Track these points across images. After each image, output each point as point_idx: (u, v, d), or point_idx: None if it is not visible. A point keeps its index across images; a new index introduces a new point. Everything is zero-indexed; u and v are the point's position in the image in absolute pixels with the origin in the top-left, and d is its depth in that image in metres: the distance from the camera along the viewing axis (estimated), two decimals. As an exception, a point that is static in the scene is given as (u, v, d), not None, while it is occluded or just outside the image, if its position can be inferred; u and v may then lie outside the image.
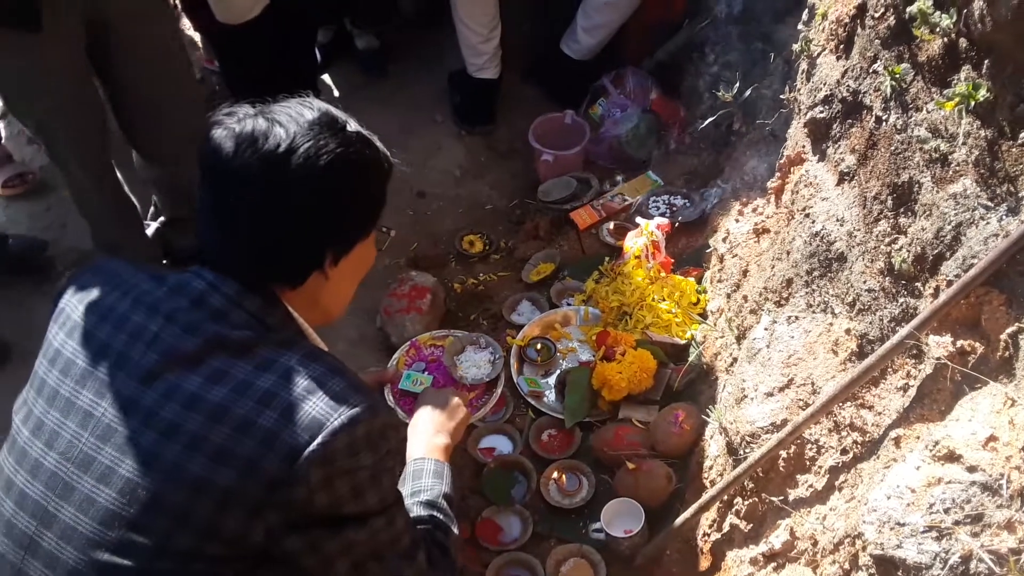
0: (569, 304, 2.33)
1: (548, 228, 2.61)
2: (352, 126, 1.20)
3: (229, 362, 1.08)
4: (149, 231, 2.76)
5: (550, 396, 2.13)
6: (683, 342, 2.09)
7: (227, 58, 2.95)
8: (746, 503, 1.62)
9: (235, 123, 1.13)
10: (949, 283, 1.27)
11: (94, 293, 1.19)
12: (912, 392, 1.35)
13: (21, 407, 1.18)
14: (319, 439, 1.04)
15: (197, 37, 3.47)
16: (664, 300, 2.15)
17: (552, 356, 2.19)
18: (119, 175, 2.54)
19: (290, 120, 1.13)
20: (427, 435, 1.48)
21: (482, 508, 1.94)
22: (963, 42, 1.30)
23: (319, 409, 1.05)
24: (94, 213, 2.51)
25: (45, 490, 1.09)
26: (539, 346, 2.19)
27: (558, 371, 2.17)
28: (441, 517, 1.34)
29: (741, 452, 1.60)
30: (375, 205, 1.23)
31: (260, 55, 2.82)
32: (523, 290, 2.44)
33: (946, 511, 1.13)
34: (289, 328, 1.20)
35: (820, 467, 1.49)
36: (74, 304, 1.19)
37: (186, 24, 3.31)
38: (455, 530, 1.35)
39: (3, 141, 3.23)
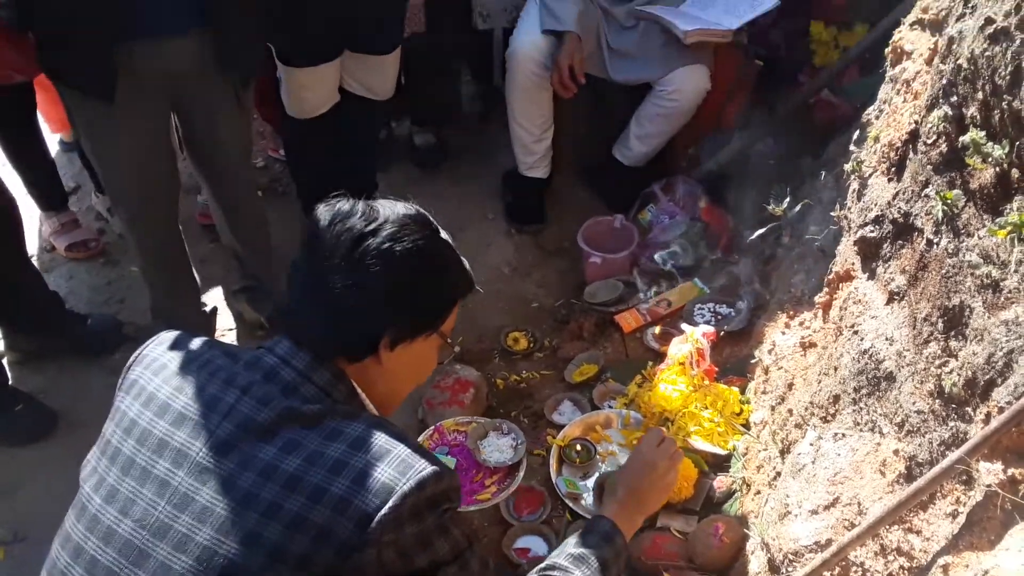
0: (611, 407, 2.33)
1: (592, 329, 2.64)
2: (441, 232, 1.32)
3: (301, 432, 1.14)
4: (207, 307, 2.88)
5: (588, 499, 2.11)
6: (725, 452, 2.07)
7: (293, 149, 3.09)
8: (788, 624, 1.57)
9: (338, 202, 1.26)
10: (1000, 409, 1.26)
11: (168, 365, 1.26)
12: (961, 519, 1.33)
13: (91, 475, 1.22)
14: (389, 504, 1.09)
15: (263, 126, 3.64)
16: (707, 409, 2.14)
17: (592, 458, 2.18)
18: (187, 250, 2.67)
19: (385, 208, 1.26)
20: (627, 495, 1.59)
21: (516, 612, 1.91)
22: (1015, 173, 1.33)
23: (388, 475, 1.11)
24: (158, 283, 2.62)
25: (118, 557, 1.12)
26: (579, 447, 2.19)
27: (597, 474, 2.16)
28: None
29: (783, 570, 1.57)
30: (442, 305, 1.32)
31: (325, 148, 2.95)
32: (565, 390, 2.45)
33: (997, 646, 1.09)
34: (353, 402, 1.26)
35: (865, 592, 1.45)
36: (148, 376, 1.25)
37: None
38: None
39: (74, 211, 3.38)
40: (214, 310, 2.94)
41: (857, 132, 1.99)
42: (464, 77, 4.09)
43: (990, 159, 1.37)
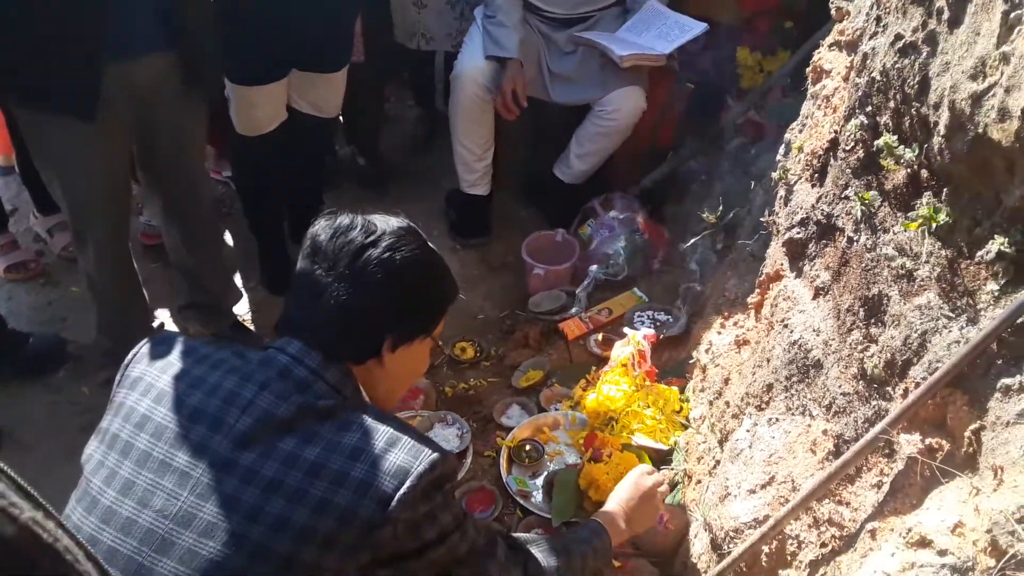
0: (557, 409, 2.42)
1: (538, 338, 2.73)
2: (432, 246, 1.43)
3: (317, 424, 1.24)
4: (155, 323, 2.88)
5: (537, 496, 2.19)
6: (667, 447, 2.17)
7: (241, 167, 3.12)
8: (730, 599, 1.67)
9: (336, 217, 1.36)
10: (917, 385, 1.39)
11: (176, 364, 1.32)
12: (886, 488, 1.45)
13: (98, 469, 1.26)
14: (407, 483, 1.20)
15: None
16: (649, 407, 2.25)
17: (540, 458, 2.26)
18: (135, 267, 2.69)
19: (382, 221, 1.36)
20: (618, 514, 1.75)
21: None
22: (924, 173, 1.47)
23: (402, 459, 1.22)
24: (107, 299, 2.62)
25: (139, 545, 1.18)
26: (528, 447, 2.27)
27: (545, 472, 2.24)
28: (553, 560, 1.51)
29: (725, 547, 1.67)
30: (436, 309, 1.45)
31: (272, 165, 2.99)
32: (512, 395, 2.54)
33: (919, 593, 1.21)
34: (359, 399, 1.37)
35: (801, 561, 1.56)
36: (155, 373, 1.32)
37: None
38: (555, 563, 1.51)
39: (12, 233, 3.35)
40: (160, 326, 2.95)
41: (783, 146, 2.14)
42: (407, 102, 4.20)
43: (902, 161, 1.51)
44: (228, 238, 3.45)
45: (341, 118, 3.59)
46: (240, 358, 1.33)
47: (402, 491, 1.19)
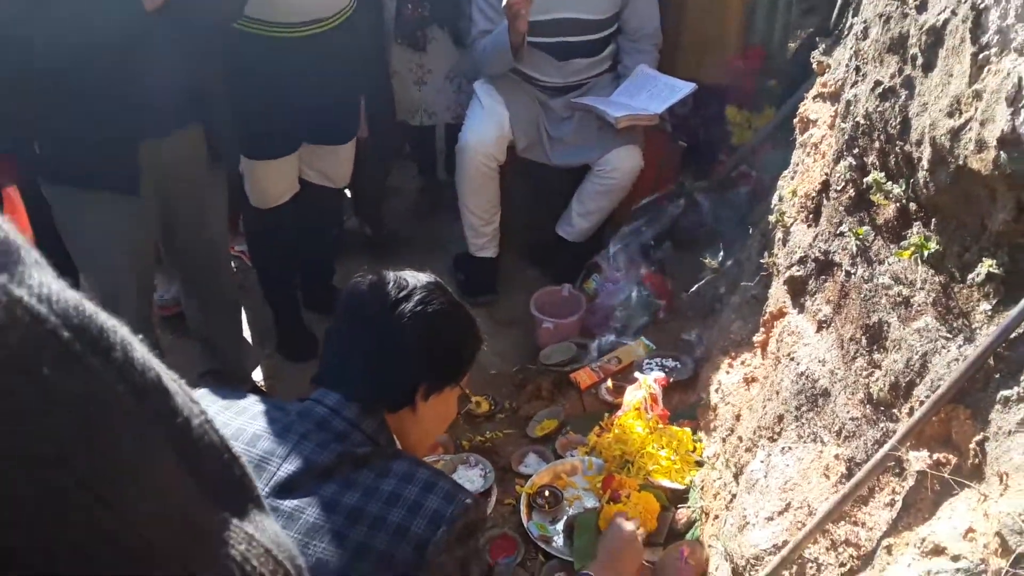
0: (573, 455, 2.48)
1: (550, 389, 2.80)
2: (457, 298, 1.52)
3: (355, 472, 1.30)
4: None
5: (559, 540, 2.23)
6: (683, 487, 2.23)
7: (255, 238, 3.23)
8: (755, 626, 1.71)
9: (370, 276, 1.45)
10: (921, 404, 1.47)
11: (218, 415, 1.39)
12: (898, 505, 1.51)
13: None
14: (443, 528, 1.25)
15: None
16: (663, 448, 2.31)
17: (560, 503, 2.31)
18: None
19: (412, 277, 1.45)
20: (606, 566, 1.81)
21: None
22: (913, 205, 1.58)
23: (437, 504, 1.27)
24: None
25: None
26: (547, 493, 2.32)
27: (565, 517, 2.29)
28: None
29: (746, 575, 1.72)
30: (465, 358, 1.52)
31: (286, 237, 3.11)
32: (528, 444, 2.60)
33: (937, 597, 1.26)
34: (394, 446, 1.43)
35: (822, 584, 1.61)
36: None
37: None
38: None
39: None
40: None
41: (777, 192, 2.26)
42: (410, 173, 4.35)
43: (891, 196, 1.62)
44: (243, 307, 3.54)
45: (348, 192, 3.72)
46: (279, 410, 1.40)
47: (438, 535, 1.25)
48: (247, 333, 3.40)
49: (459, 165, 3.23)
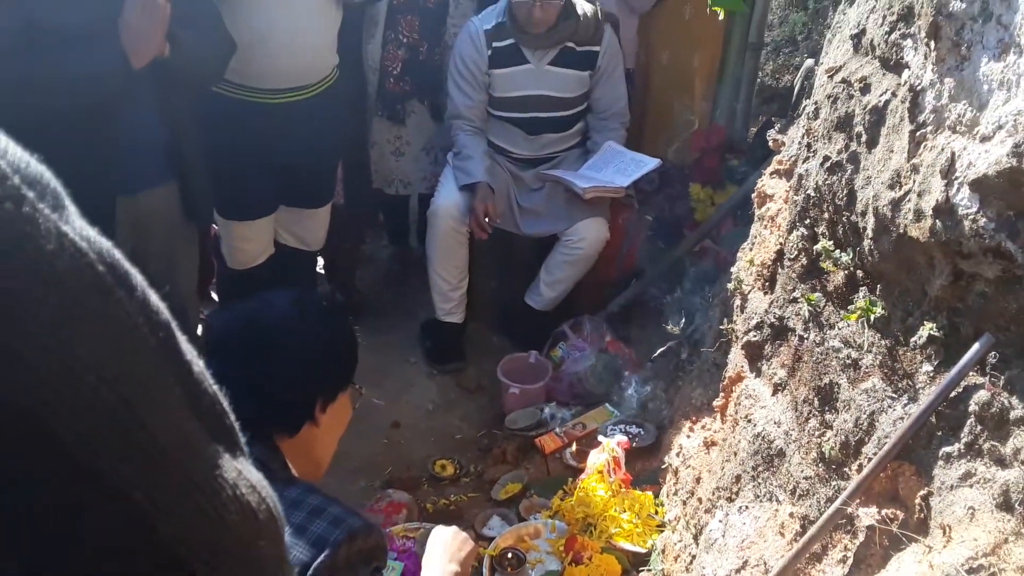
0: (537, 519, 2.50)
1: (515, 453, 2.83)
2: (323, 299, 1.49)
3: None
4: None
5: (521, 603, 2.24)
6: (644, 550, 2.25)
7: (229, 300, 3.25)
8: None
9: (228, 307, 1.42)
10: (869, 460, 1.53)
11: None
12: (850, 560, 1.56)
13: None
14: (325, 552, 1.21)
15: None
16: (625, 512, 2.34)
17: (523, 565, 2.31)
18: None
19: (275, 296, 1.43)
20: (440, 563, 1.62)
21: None
22: (860, 272, 1.67)
23: (323, 528, 1.24)
24: None
25: None
26: (510, 555, 2.33)
27: (528, 579, 2.30)
28: None
29: (705, 633, 1.74)
30: (351, 363, 1.50)
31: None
32: (493, 507, 2.61)
33: (886, 647, 1.30)
34: (287, 472, 1.39)
35: (777, 641, 1.63)
36: None
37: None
38: None
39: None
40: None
41: (737, 262, 2.35)
42: (382, 242, 4.42)
43: (839, 263, 1.71)
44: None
45: (320, 259, 3.78)
46: None
47: (319, 559, 1.20)
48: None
49: (430, 229, 3.31)
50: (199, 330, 3.07)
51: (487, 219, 3.10)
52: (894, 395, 1.54)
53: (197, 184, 2.45)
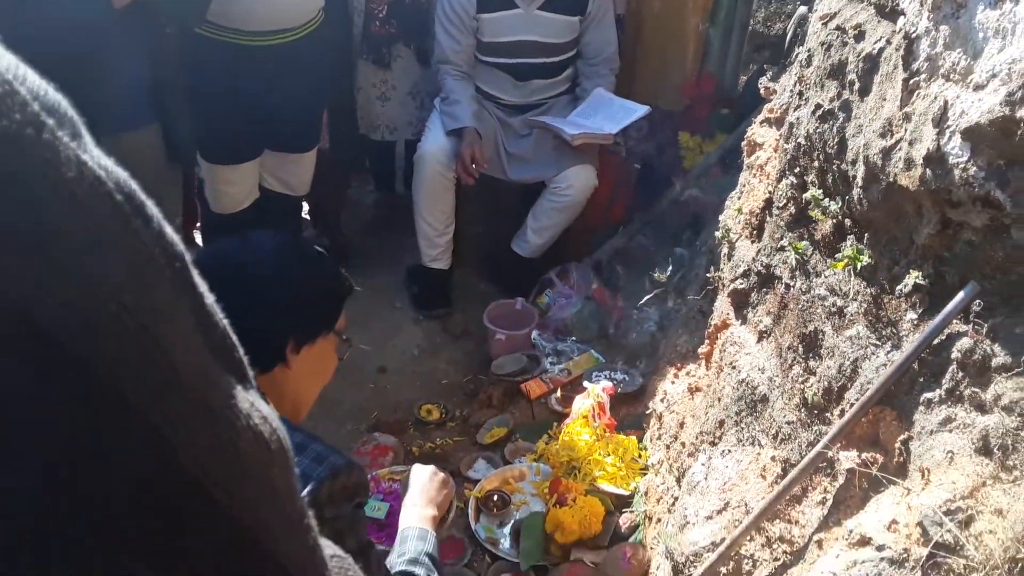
0: (522, 462, 2.53)
1: (501, 398, 2.85)
2: (318, 247, 1.50)
3: None
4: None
5: (506, 543, 2.28)
6: (628, 493, 2.29)
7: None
8: (692, 621, 1.78)
9: (212, 244, 1.42)
10: (851, 406, 1.56)
11: None
12: (829, 502, 1.59)
13: None
14: (308, 488, 1.21)
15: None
16: (609, 455, 2.38)
17: (507, 507, 2.35)
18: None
19: (263, 235, 1.43)
20: (416, 507, 1.64)
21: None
22: (848, 221, 1.68)
23: (305, 465, 1.24)
24: None
25: None
26: (495, 497, 2.37)
27: (513, 520, 2.33)
28: (420, 572, 1.48)
29: (686, 571, 1.78)
30: (332, 304, 1.48)
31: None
32: (478, 451, 2.64)
33: (862, 584, 1.34)
34: None
35: (756, 579, 1.68)
36: None
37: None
38: None
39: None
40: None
41: (725, 210, 2.36)
42: (367, 187, 4.39)
43: (828, 212, 1.72)
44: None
45: (306, 204, 3.75)
46: None
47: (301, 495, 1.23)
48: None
49: (416, 174, 3.29)
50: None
51: (474, 165, 3.08)
52: (878, 342, 1.56)
53: (180, 126, 2.42)
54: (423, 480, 1.72)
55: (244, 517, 0.40)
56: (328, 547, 0.54)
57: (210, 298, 0.41)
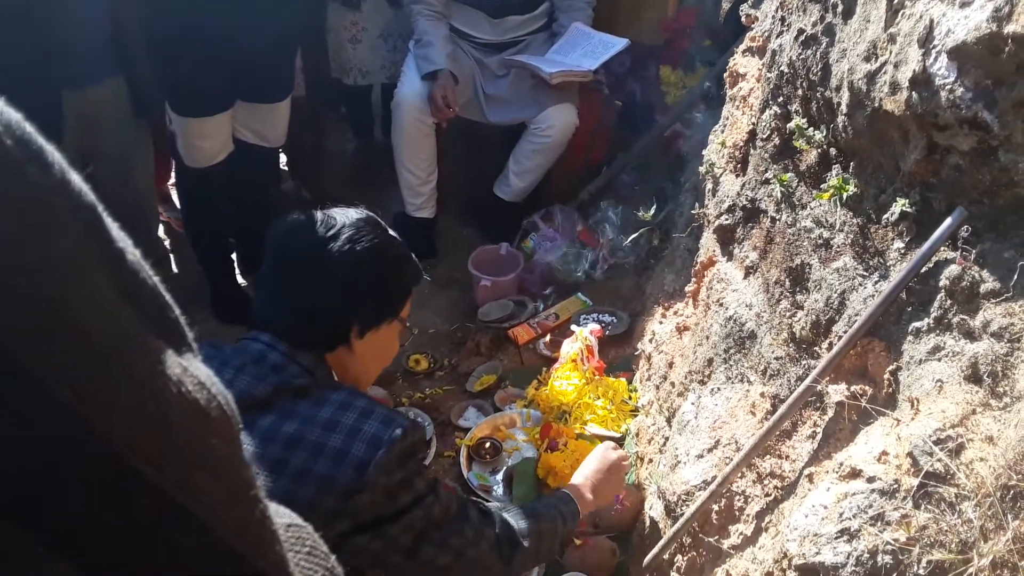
0: (512, 408, 2.52)
1: (489, 345, 2.83)
2: (392, 232, 1.50)
3: (294, 402, 1.31)
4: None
5: (499, 490, 2.27)
6: (619, 435, 2.28)
7: (189, 199, 3.17)
8: (685, 559, 1.78)
9: (296, 217, 1.44)
10: (839, 338, 1.54)
11: None
12: (819, 436, 1.58)
13: None
14: (382, 450, 1.27)
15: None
16: (599, 399, 2.37)
17: (499, 454, 2.35)
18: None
19: (341, 214, 1.44)
20: (585, 487, 1.77)
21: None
22: (833, 151, 1.64)
23: (376, 428, 1.29)
24: None
25: None
26: (487, 445, 2.36)
27: (505, 467, 2.33)
28: (524, 523, 1.57)
29: (678, 510, 1.78)
30: (400, 293, 1.51)
31: (220, 198, 3.06)
32: (468, 399, 2.63)
33: (853, 516, 1.33)
34: (332, 379, 1.43)
35: (748, 515, 1.67)
36: None
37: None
38: (535, 527, 1.57)
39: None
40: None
41: (708, 145, 2.31)
42: (345, 135, 4.30)
43: (813, 141, 1.67)
44: (176, 272, 3.49)
45: (283, 155, 3.68)
46: (213, 348, 1.41)
47: (378, 455, 1.27)
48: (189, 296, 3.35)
49: (394, 121, 3.22)
50: (159, 230, 3.01)
51: (449, 108, 3.01)
52: (865, 273, 1.54)
53: (145, 78, 2.34)
54: (607, 463, 1.83)
55: (179, 493, 0.36)
56: (283, 516, 0.50)
57: (133, 253, 0.36)
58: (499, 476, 2.32)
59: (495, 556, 1.47)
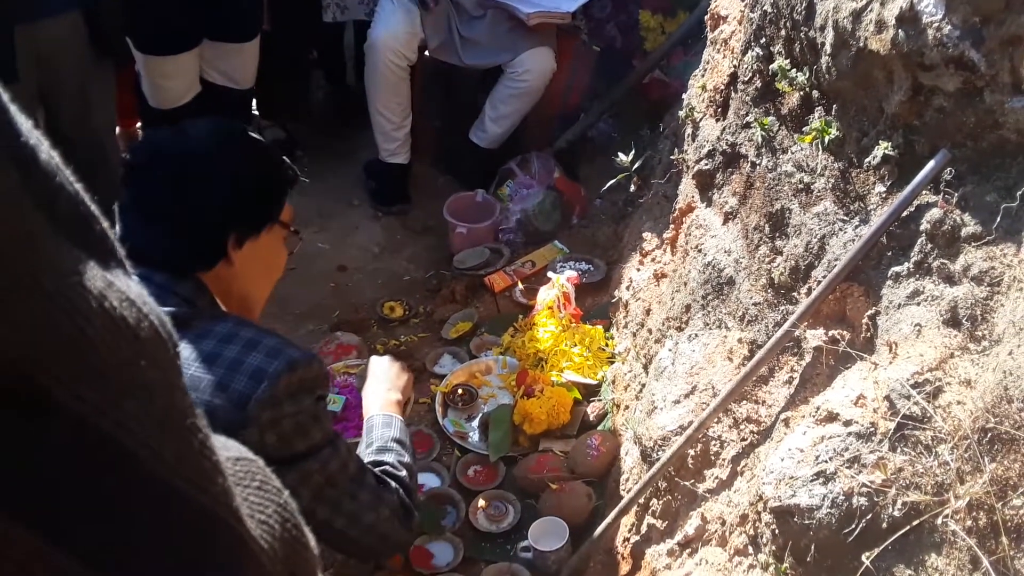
0: (488, 355, 2.51)
1: (464, 292, 2.81)
2: (251, 131, 1.41)
3: None
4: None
5: (474, 436, 2.27)
6: (595, 382, 2.28)
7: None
8: (660, 502, 1.79)
9: (146, 135, 1.33)
10: (818, 283, 1.53)
11: None
12: (796, 381, 1.58)
13: None
14: (264, 383, 1.18)
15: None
16: (576, 346, 2.36)
17: (474, 401, 2.34)
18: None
19: (191, 126, 1.35)
20: (378, 394, 1.62)
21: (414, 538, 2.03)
22: (815, 93, 1.61)
23: (260, 360, 1.20)
24: None
25: None
26: (462, 391, 2.35)
27: (480, 414, 2.32)
28: (390, 458, 1.47)
29: (654, 456, 1.78)
30: (273, 196, 1.40)
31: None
32: (443, 346, 2.61)
33: (829, 459, 1.33)
34: (216, 309, 1.34)
35: (724, 459, 1.68)
36: None
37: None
38: (407, 460, 1.48)
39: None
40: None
41: (688, 89, 2.27)
42: (318, 80, 4.20)
43: (795, 83, 1.64)
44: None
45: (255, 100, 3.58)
46: None
47: (260, 389, 1.17)
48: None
49: (368, 64, 3.14)
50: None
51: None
52: (845, 218, 1.52)
53: (105, 12, 2.24)
54: (382, 368, 1.69)
55: (102, 421, 0.33)
56: (230, 449, 0.47)
57: (49, 154, 0.33)
58: (475, 423, 2.31)
59: (396, 523, 1.38)
